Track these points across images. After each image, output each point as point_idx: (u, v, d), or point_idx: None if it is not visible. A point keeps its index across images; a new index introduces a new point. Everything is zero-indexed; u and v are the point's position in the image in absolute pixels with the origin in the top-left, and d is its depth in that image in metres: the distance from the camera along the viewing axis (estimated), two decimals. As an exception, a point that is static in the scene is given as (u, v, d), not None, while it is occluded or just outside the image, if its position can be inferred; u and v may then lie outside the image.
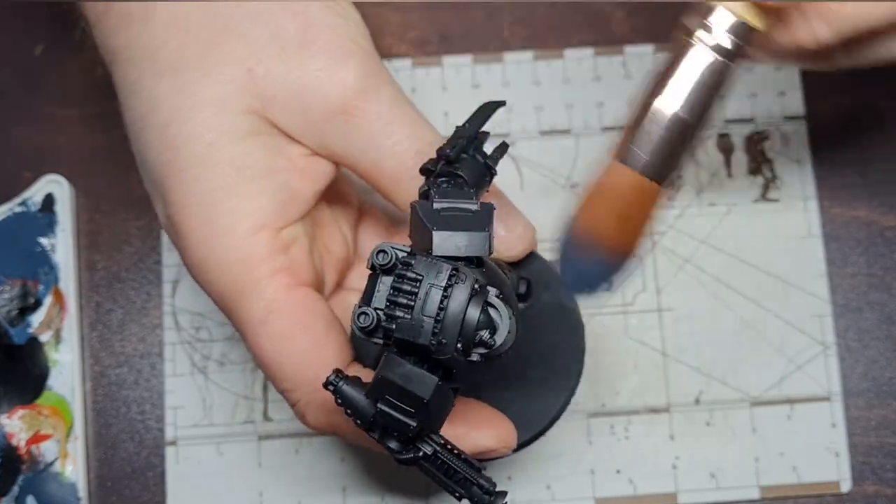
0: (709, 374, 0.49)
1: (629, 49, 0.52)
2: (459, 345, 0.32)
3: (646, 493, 0.48)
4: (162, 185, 0.38)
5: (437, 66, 0.52)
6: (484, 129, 0.38)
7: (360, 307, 0.32)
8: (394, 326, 0.31)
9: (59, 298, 0.49)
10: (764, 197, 0.51)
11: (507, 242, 0.41)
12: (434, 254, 0.32)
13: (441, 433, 0.34)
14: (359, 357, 0.40)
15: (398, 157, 0.38)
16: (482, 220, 0.33)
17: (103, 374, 0.50)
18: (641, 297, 0.50)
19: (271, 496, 0.48)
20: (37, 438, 0.48)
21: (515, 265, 0.42)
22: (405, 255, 0.32)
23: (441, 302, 0.31)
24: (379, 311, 0.32)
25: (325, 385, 0.33)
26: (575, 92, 0.52)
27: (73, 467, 0.48)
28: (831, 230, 0.51)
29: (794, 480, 0.48)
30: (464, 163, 0.36)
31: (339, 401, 0.33)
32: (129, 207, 0.51)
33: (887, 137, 0.52)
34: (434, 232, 0.32)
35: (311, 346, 0.37)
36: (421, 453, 0.33)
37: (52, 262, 0.49)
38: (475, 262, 0.33)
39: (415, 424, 0.32)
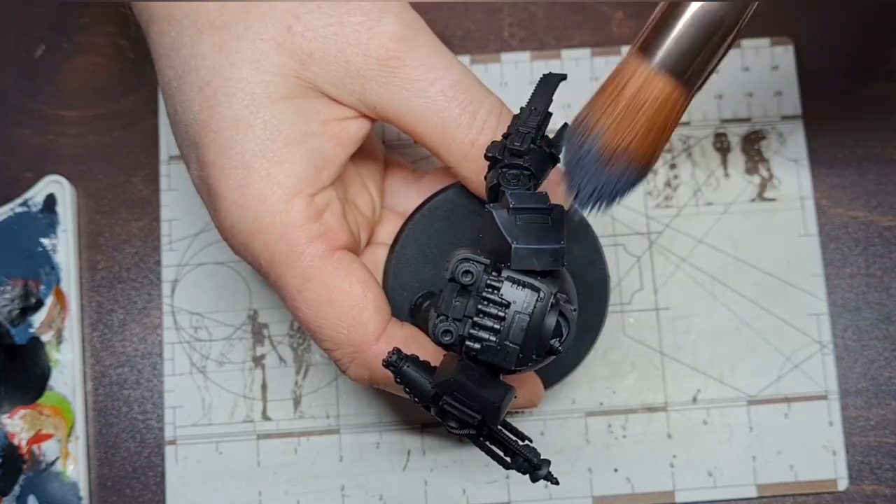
0: (706, 373, 0.49)
1: (627, 49, 0.52)
2: (534, 354, 0.33)
3: (643, 491, 0.48)
4: (197, 145, 0.38)
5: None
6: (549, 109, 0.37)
7: (440, 320, 0.33)
8: (478, 346, 0.32)
9: (60, 298, 0.49)
10: (761, 196, 0.51)
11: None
12: (513, 268, 0.33)
13: None
14: (394, 311, 0.40)
15: (443, 105, 0.38)
16: (557, 229, 0.34)
17: (104, 374, 0.50)
18: (639, 296, 0.50)
19: (270, 495, 0.49)
20: (38, 438, 0.48)
21: None
22: (487, 272, 0.33)
23: (527, 329, 0.32)
24: (457, 324, 0.33)
25: (386, 365, 0.34)
26: (573, 92, 0.52)
27: (74, 467, 0.48)
28: (829, 230, 0.51)
29: (792, 479, 0.48)
30: (533, 154, 0.36)
31: (399, 379, 0.34)
32: (130, 208, 0.51)
33: (885, 137, 0.52)
34: (514, 247, 0.33)
35: (350, 309, 0.38)
36: (475, 431, 0.34)
37: (53, 262, 0.50)
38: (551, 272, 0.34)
39: (479, 418, 0.33)
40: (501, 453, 0.35)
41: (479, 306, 0.32)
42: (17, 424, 0.48)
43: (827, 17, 0.53)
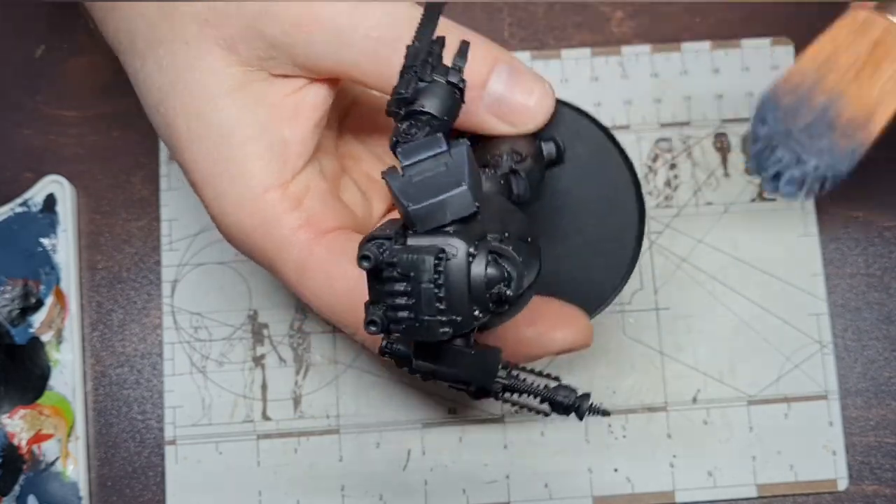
0: (706, 373, 0.49)
1: (626, 49, 0.52)
2: (477, 311, 0.30)
3: (643, 491, 0.48)
4: (178, 161, 0.38)
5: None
6: (435, 37, 0.33)
7: (367, 315, 0.31)
8: (402, 328, 0.30)
9: (60, 298, 0.49)
10: (761, 196, 0.51)
11: (527, 113, 0.37)
12: (419, 231, 0.30)
13: (514, 336, 0.34)
14: None
15: (372, 47, 0.35)
16: (457, 172, 0.30)
17: (104, 374, 0.50)
18: (639, 295, 0.50)
19: (270, 495, 0.49)
20: (38, 438, 0.48)
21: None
22: (388, 247, 0.30)
23: (437, 295, 0.29)
24: (376, 309, 0.30)
25: (382, 353, 0.33)
26: (572, 92, 0.52)
27: (74, 467, 0.48)
28: (829, 230, 0.51)
29: (792, 479, 0.48)
30: (425, 93, 0.32)
31: (398, 364, 0.33)
32: (130, 208, 0.51)
33: (885, 137, 0.52)
34: (409, 210, 0.30)
35: (350, 292, 0.37)
36: (491, 393, 0.33)
37: (53, 262, 0.50)
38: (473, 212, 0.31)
39: (473, 388, 0.32)
40: (535, 404, 0.33)
41: (386, 288, 0.30)
42: (17, 424, 0.48)
43: (827, 17, 0.53)
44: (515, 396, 0.33)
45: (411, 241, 0.30)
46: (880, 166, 0.51)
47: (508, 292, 0.30)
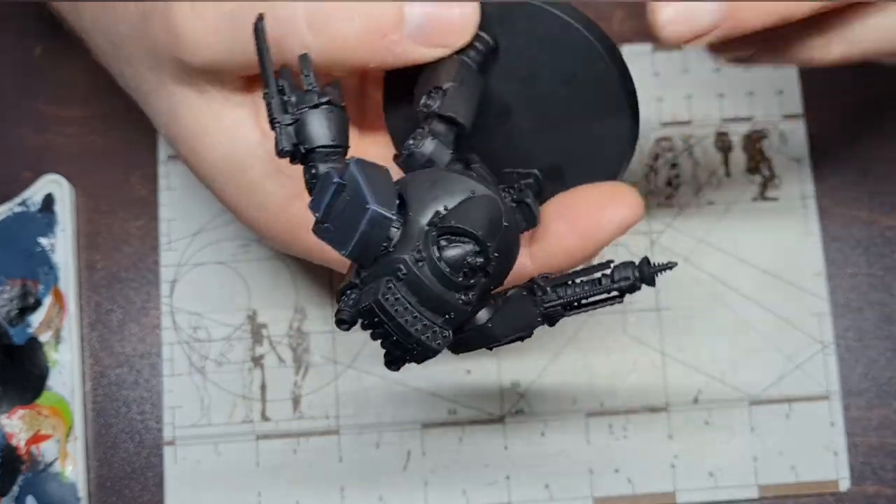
0: (707, 373, 0.49)
1: (627, 48, 0.52)
2: (460, 296, 0.29)
3: (644, 492, 0.48)
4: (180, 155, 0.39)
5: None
6: (279, 67, 0.31)
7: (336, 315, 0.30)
8: (411, 359, 0.30)
9: (58, 298, 0.49)
10: (762, 196, 0.51)
11: (454, 24, 0.33)
12: (367, 268, 0.30)
13: (560, 247, 0.33)
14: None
15: (247, 44, 0.32)
16: (359, 195, 0.29)
17: (103, 375, 0.50)
18: (639, 295, 0.49)
19: (269, 496, 0.48)
20: (36, 438, 0.48)
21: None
22: (355, 296, 0.30)
23: (413, 316, 0.29)
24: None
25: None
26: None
27: (72, 467, 0.48)
28: (831, 230, 0.51)
29: (793, 479, 0.48)
30: (303, 131, 0.30)
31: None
32: (129, 207, 0.51)
33: (887, 136, 0.52)
34: (346, 256, 0.29)
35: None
36: (552, 321, 0.32)
37: (51, 261, 0.50)
38: (397, 220, 0.29)
39: (529, 333, 0.32)
40: (598, 298, 0.32)
41: (373, 334, 0.29)
42: (16, 425, 0.48)
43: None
44: (570, 312, 0.32)
45: (366, 281, 0.29)
46: (883, 166, 0.51)
47: (478, 260, 0.29)
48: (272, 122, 0.31)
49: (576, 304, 0.32)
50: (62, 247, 0.50)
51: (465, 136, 0.33)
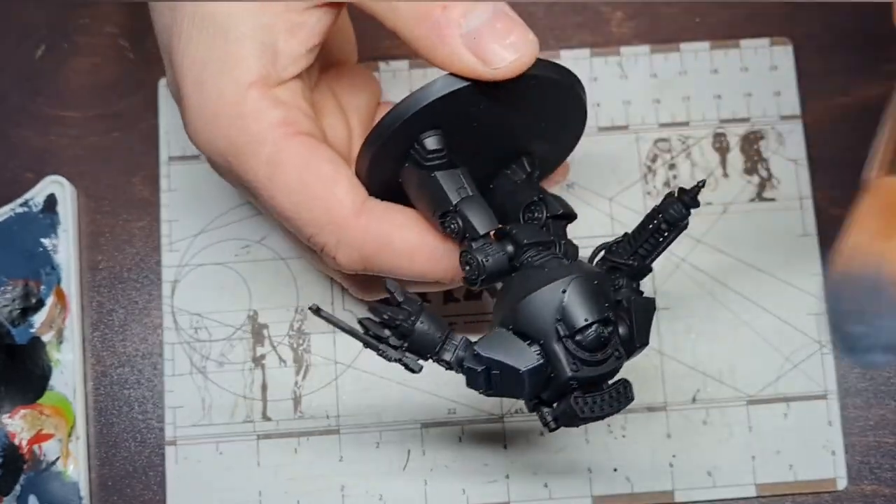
0: (705, 373, 0.49)
1: (625, 50, 0.52)
2: (617, 359, 0.36)
3: (643, 491, 0.48)
4: (167, 48, 0.38)
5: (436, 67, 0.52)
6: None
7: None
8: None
9: (61, 298, 0.49)
10: (760, 196, 0.51)
11: (503, 53, 0.36)
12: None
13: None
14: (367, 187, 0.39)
15: None
16: (508, 372, 0.35)
17: (105, 374, 0.50)
18: (638, 296, 0.50)
19: (270, 495, 0.49)
20: (38, 438, 0.48)
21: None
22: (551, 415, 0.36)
23: (605, 411, 0.35)
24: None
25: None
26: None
27: (74, 467, 0.48)
28: (828, 230, 0.51)
29: (791, 478, 0.48)
30: (412, 342, 0.36)
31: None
32: (131, 208, 0.51)
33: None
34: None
35: (323, 187, 0.37)
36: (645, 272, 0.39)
37: (54, 262, 0.50)
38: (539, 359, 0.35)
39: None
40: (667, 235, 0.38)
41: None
42: (18, 424, 0.48)
43: (827, 17, 0.53)
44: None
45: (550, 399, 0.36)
46: (879, 166, 0.51)
47: (608, 329, 0.35)
48: (396, 361, 0.36)
49: (649, 247, 0.37)
50: (64, 247, 0.50)
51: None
